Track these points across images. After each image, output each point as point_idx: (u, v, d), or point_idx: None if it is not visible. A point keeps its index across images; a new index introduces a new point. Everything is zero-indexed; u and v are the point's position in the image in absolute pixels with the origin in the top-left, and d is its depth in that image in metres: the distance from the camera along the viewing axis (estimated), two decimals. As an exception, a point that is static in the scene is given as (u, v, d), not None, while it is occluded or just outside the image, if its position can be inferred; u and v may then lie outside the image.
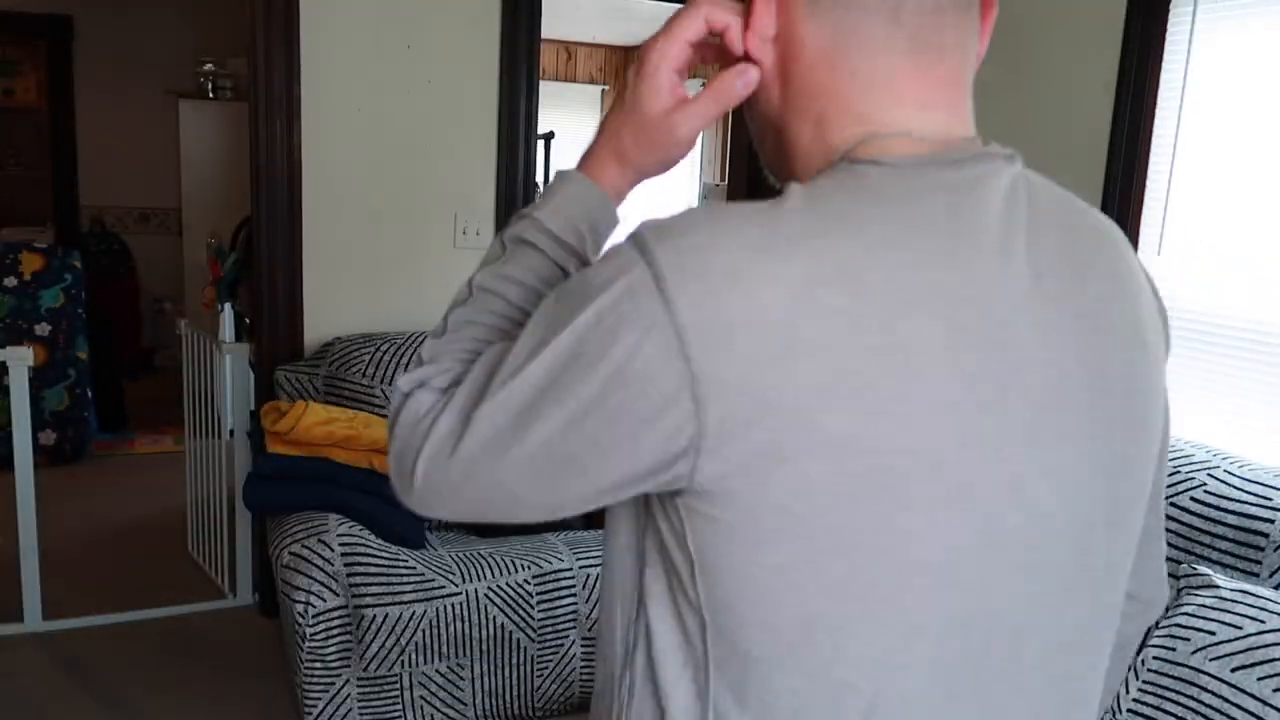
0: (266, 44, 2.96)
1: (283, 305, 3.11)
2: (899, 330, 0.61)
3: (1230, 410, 2.37)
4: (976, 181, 0.67)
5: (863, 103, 0.70)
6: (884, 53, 0.69)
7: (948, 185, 0.66)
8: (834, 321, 0.60)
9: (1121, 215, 2.57)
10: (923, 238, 0.64)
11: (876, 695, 0.66)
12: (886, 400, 0.61)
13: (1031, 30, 2.82)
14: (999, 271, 0.65)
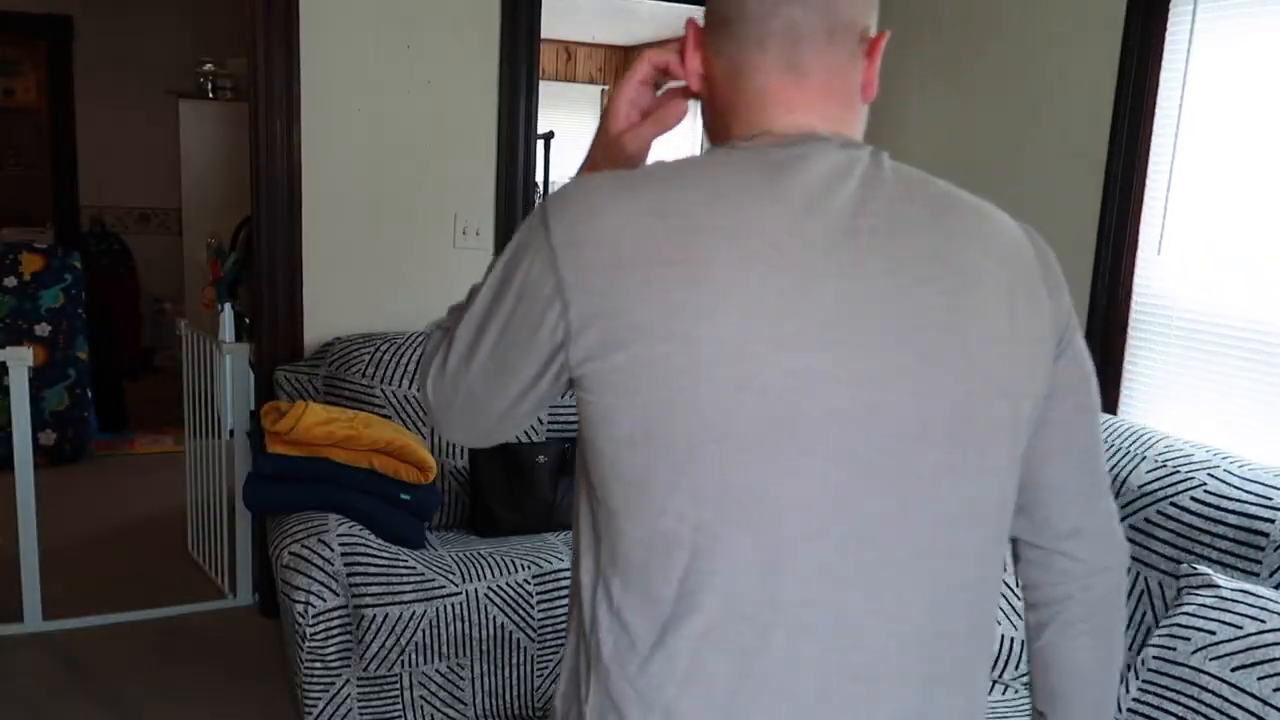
0: (266, 44, 2.96)
1: (283, 305, 3.11)
2: (691, 250, 0.82)
3: (1230, 410, 2.37)
4: (798, 159, 0.87)
5: (751, 111, 0.93)
6: (761, 75, 0.92)
7: (772, 160, 0.87)
8: (645, 242, 0.82)
9: (1121, 215, 2.57)
10: (735, 190, 0.85)
11: (696, 550, 0.83)
12: (680, 301, 0.80)
13: (1031, 30, 2.82)
14: (798, 218, 0.84)
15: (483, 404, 0.94)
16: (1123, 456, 2.31)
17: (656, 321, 0.81)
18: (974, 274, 0.90)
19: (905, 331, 0.85)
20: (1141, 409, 2.59)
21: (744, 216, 0.83)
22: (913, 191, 0.93)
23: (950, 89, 3.14)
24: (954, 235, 0.91)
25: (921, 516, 0.87)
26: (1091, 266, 2.65)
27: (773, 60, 0.91)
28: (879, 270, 0.85)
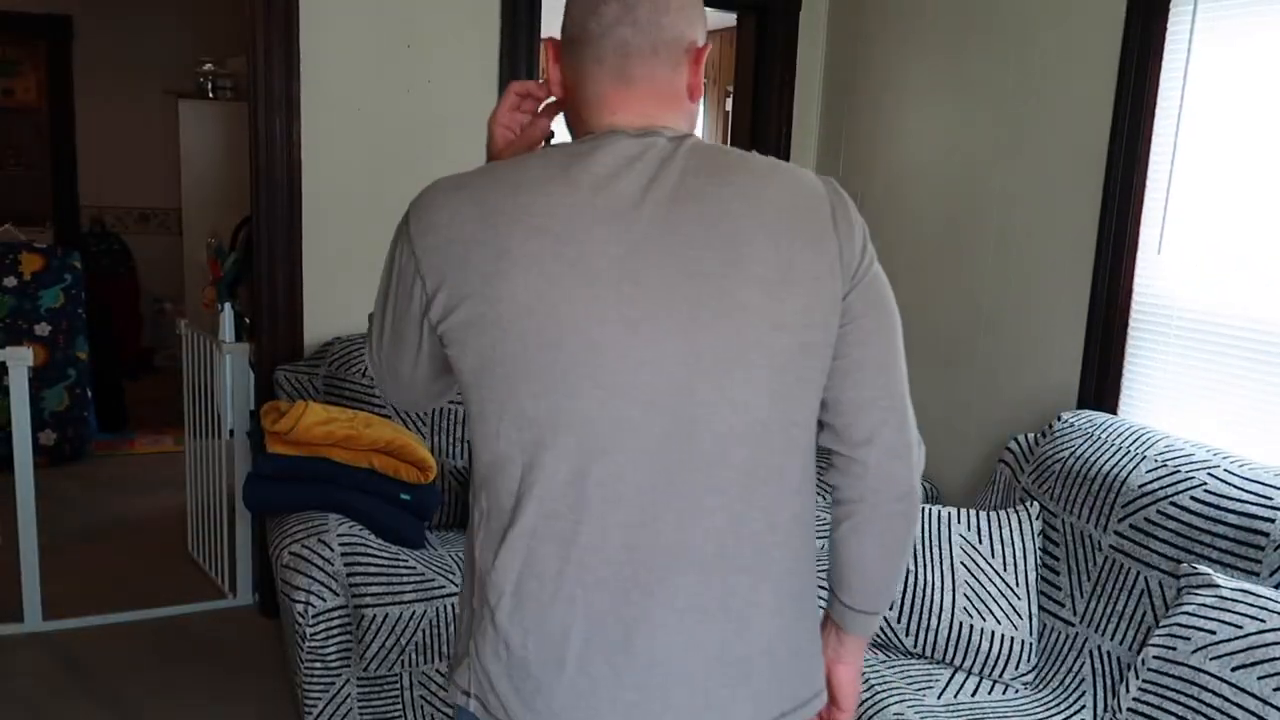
0: (266, 44, 2.96)
1: (283, 305, 3.11)
2: (495, 231, 1.05)
3: (1230, 410, 2.37)
4: (590, 150, 1.09)
5: (589, 113, 1.14)
6: (596, 84, 1.13)
7: (570, 154, 1.09)
8: (466, 227, 1.07)
9: (1121, 215, 2.56)
10: (534, 181, 1.08)
11: (524, 466, 1.08)
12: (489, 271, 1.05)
13: (1032, 30, 2.82)
14: (585, 198, 1.06)
15: (398, 370, 1.20)
16: (1123, 456, 2.31)
17: (476, 288, 1.06)
18: (748, 229, 1.07)
19: (681, 281, 1.05)
20: (1141, 409, 2.59)
21: (539, 201, 1.07)
22: (702, 165, 1.09)
23: (950, 89, 3.14)
24: (733, 198, 1.07)
25: (698, 433, 1.07)
26: (1091, 266, 2.65)
27: (607, 71, 1.12)
28: (660, 233, 1.06)
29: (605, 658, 1.08)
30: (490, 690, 1.12)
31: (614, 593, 1.07)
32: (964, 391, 3.09)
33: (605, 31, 1.11)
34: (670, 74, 1.13)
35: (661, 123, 1.12)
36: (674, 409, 1.06)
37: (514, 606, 1.09)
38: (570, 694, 1.08)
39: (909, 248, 3.31)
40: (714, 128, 6.35)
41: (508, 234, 1.05)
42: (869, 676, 2.20)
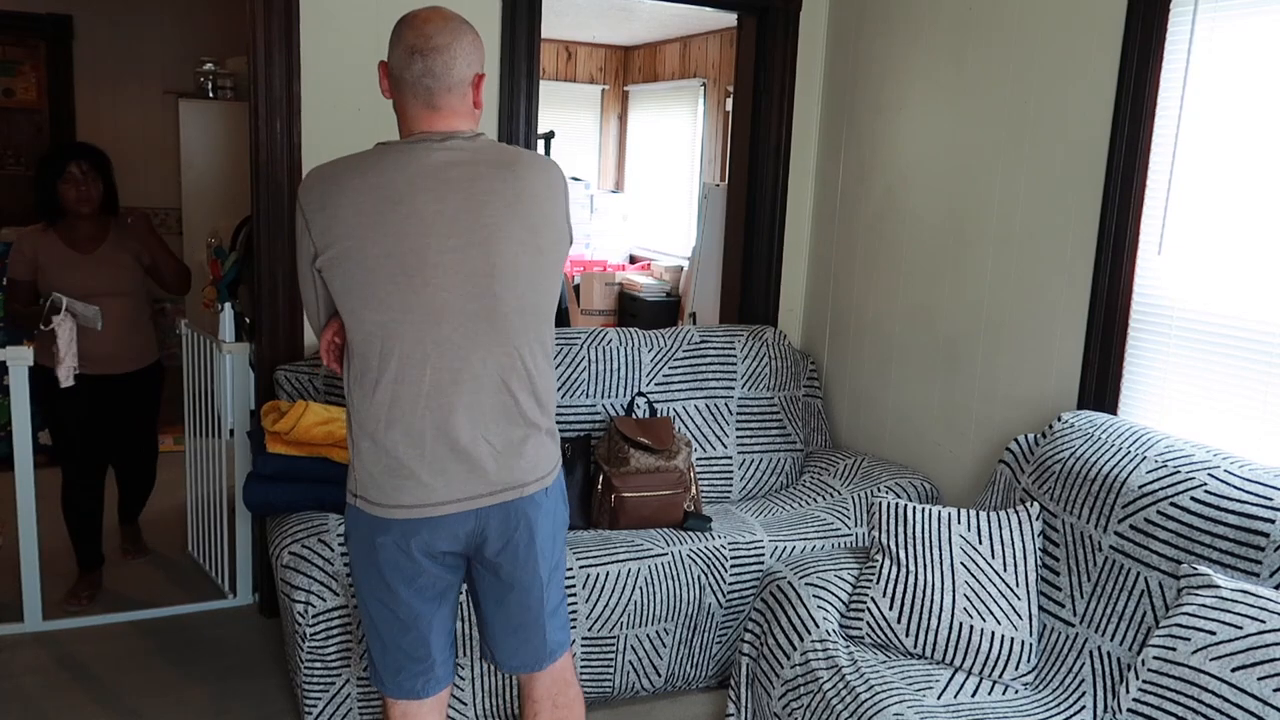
0: (266, 44, 2.96)
1: (283, 305, 3.11)
2: (335, 199, 1.70)
3: (1230, 410, 2.37)
4: (413, 147, 1.72)
5: (408, 123, 1.76)
6: (412, 109, 1.75)
7: (399, 149, 1.72)
8: (320, 198, 1.71)
9: (1121, 215, 2.56)
10: (371, 167, 1.71)
11: (383, 338, 1.71)
12: (329, 226, 1.70)
13: (1031, 30, 2.82)
14: (405, 174, 1.69)
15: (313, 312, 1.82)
16: (1123, 456, 2.31)
17: (328, 239, 1.71)
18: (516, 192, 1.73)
19: (473, 225, 1.69)
20: (1141, 409, 2.59)
21: (381, 178, 1.69)
22: (487, 156, 1.74)
23: (950, 89, 3.14)
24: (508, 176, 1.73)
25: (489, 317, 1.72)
26: (1091, 267, 2.65)
27: (419, 102, 1.74)
28: (459, 197, 1.70)
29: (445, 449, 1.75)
30: (373, 487, 1.76)
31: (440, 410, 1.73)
32: (964, 392, 3.09)
33: (415, 80, 1.71)
34: (460, 100, 1.74)
35: (457, 128, 1.74)
36: (476, 296, 1.71)
37: (388, 427, 1.73)
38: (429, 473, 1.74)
39: (909, 248, 3.31)
40: (714, 128, 6.35)
41: (339, 200, 1.69)
42: (869, 676, 2.20)
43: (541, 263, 1.76)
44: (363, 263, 1.67)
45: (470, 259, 1.69)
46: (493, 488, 1.77)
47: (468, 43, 1.73)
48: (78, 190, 3.17)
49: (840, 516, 3.04)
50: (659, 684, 2.83)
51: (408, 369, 1.70)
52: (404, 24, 1.73)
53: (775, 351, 3.49)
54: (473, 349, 1.72)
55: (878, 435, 3.48)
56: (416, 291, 1.68)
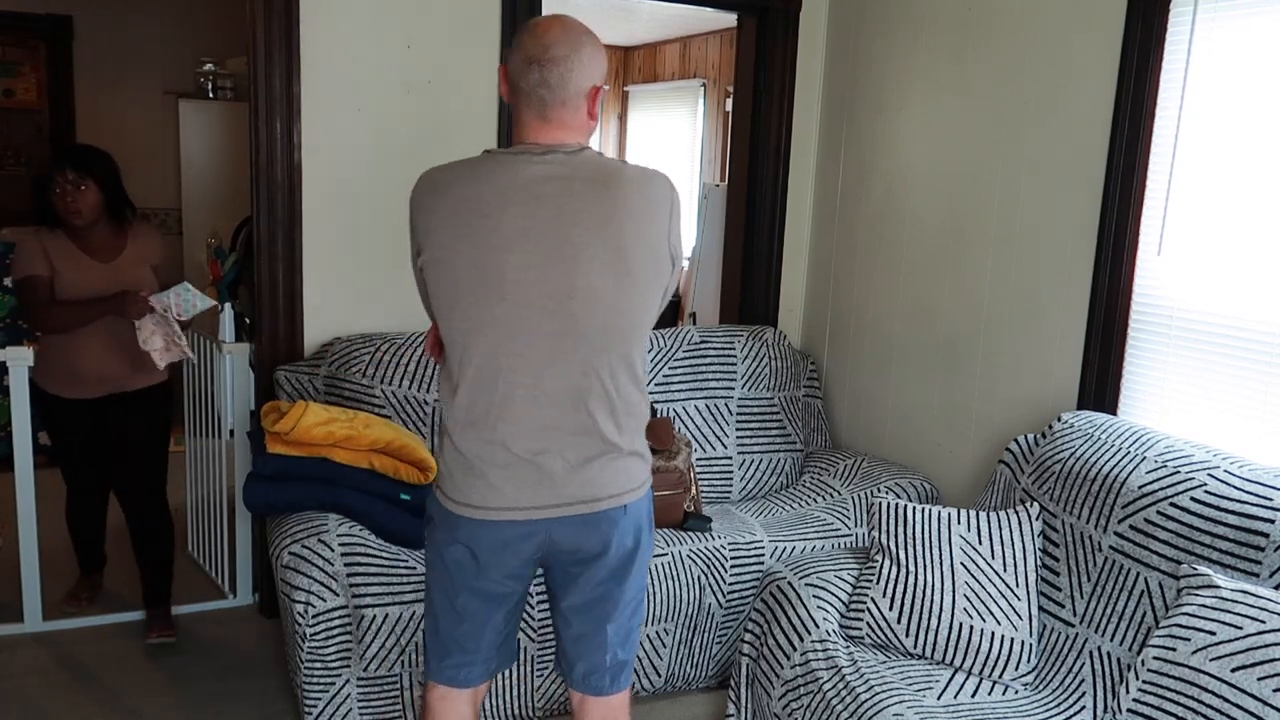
0: (266, 44, 2.96)
1: (283, 305, 3.11)
2: (436, 203, 1.72)
3: (1230, 410, 2.37)
4: (513, 158, 1.71)
5: (518, 131, 1.76)
6: (524, 116, 1.74)
7: (499, 160, 1.73)
8: (423, 200, 1.74)
9: (1121, 215, 2.56)
10: (469, 176, 1.72)
11: (464, 345, 1.73)
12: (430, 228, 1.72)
13: (1031, 30, 2.82)
14: (496, 188, 1.68)
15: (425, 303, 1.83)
16: (1123, 457, 2.31)
17: (425, 242, 1.74)
18: (609, 212, 1.69)
19: (558, 243, 1.67)
20: (1141, 409, 2.59)
21: (464, 187, 1.71)
22: (585, 172, 1.71)
23: (950, 89, 3.14)
24: (603, 194, 1.70)
25: (566, 336, 1.70)
26: (1091, 267, 2.65)
27: (532, 111, 1.73)
28: (549, 213, 1.67)
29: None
30: (449, 483, 1.80)
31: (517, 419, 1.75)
32: (964, 392, 3.09)
33: (530, 89, 1.70)
34: (573, 113, 1.73)
35: (562, 141, 1.73)
36: (554, 315, 1.69)
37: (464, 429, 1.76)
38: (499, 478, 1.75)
39: (909, 248, 3.31)
40: (714, 129, 6.35)
41: (437, 206, 1.72)
42: (869, 677, 2.20)
43: (628, 285, 1.71)
44: (449, 271, 1.70)
45: (550, 278, 1.67)
46: (561, 500, 1.75)
47: (587, 55, 1.70)
48: (64, 201, 2.88)
49: (840, 517, 3.04)
50: (659, 684, 2.83)
51: (483, 378, 1.72)
52: (525, 31, 1.72)
53: (775, 352, 3.49)
54: (547, 366, 1.71)
55: (878, 435, 3.48)
56: (493, 306, 1.68)
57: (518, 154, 1.70)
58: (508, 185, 1.67)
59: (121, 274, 2.96)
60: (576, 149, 1.71)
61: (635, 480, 1.81)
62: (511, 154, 1.71)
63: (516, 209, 1.66)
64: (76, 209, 2.88)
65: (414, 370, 3.01)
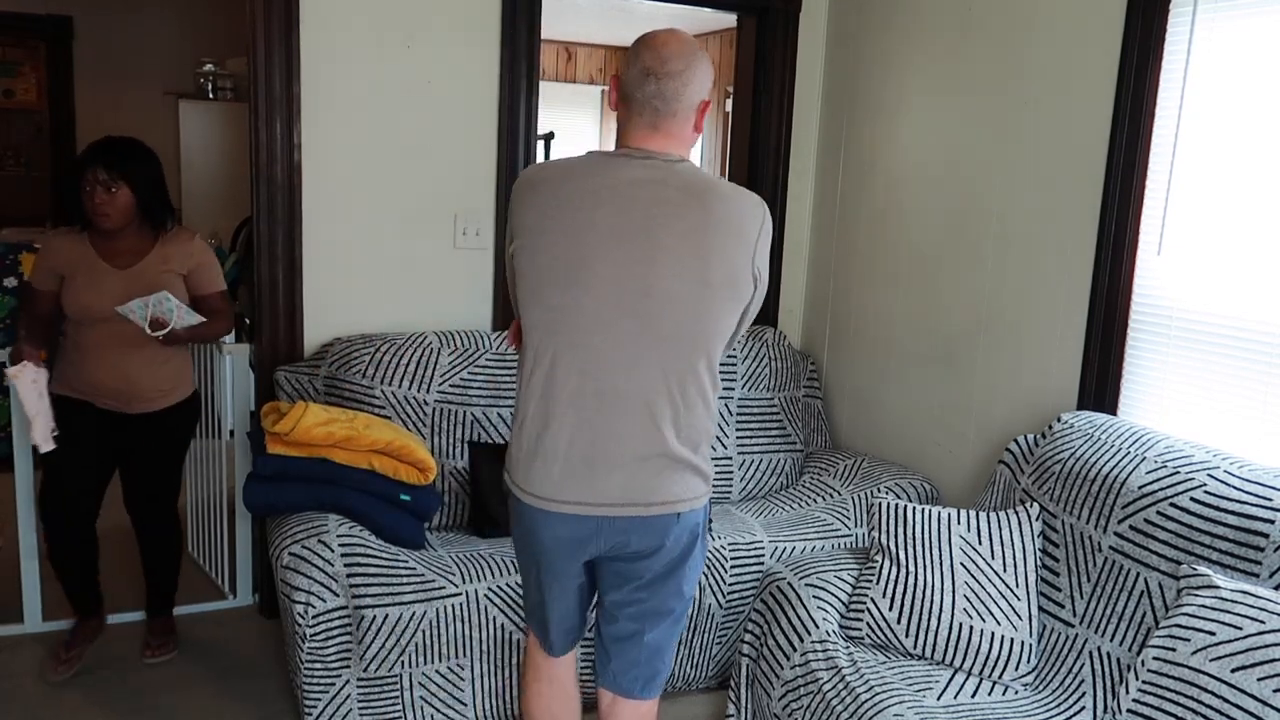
0: (266, 44, 2.96)
1: (283, 305, 3.11)
2: (535, 198, 1.81)
3: (1230, 411, 2.37)
4: (612, 160, 1.79)
5: (623, 137, 1.83)
6: (635, 125, 1.81)
7: (599, 160, 1.81)
8: (523, 195, 1.83)
9: (1121, 215, 2.56)
10: (568, 174, 1.80)
11: (542, 339, 1.79)
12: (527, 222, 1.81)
13: (1031, 30, 2.82)
14: (591, 187, 1.76)
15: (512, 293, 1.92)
16: (1123, 457, 2.31)
17: (520, 231, 1.83)
18: (698, 221, 1.75)
19: (643, 244, 1.73)
20: (1141, 409, 2.59)
21: (562, 184, 1.79)
22: (679, 180, 1.77)
23: (950, 89, 3.13)
24: (694, 203, 1.75)
25: (640, 337, 1.76)
26: (1091, 266, 2.64)
27: (644, 120, 1.80)
28: (638, 214, 1.74)
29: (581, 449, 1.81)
30: (516, 469, 1.86)
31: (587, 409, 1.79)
32: (964, 392, 3.09)
33: (645, 100, 1.78)
34: (682, 125, 1.81)
35: (664, 150, 1.80)
36: (630, 314, 1.75)
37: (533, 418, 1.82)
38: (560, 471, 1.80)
39: (909, 248, 3.31)
40: (714, 129, 6.36)
41: (534, 200, 1.80)
42: (869, 677, 2.20)
43: (707, 295, 1.75)
44: (538, 261, 1.77)
45: (632, 276, 1.72)
46: (616, 499, 1.79)
47: (700, 70, 1.79)
48: (93, 201, 2.62)
49: (840, 517, 3.04)
50: (659, 684, 2.83)
51: (558, 370, 1.78)
52: (643, 44, 1.80)
53: (775, 352, 3.49)
54: (619, 364, 1.75)
55: (878, 435, 3.48)
56: (575, 299, 1.74)
57: (619, 155, 1.79)
58: (604, 184, 1.74)
59: (137, 283, 2.67)
60: (676, 159, 1.78)
61: (690, 492, 1.83)
62: (612, 155, 1.80)
63: (609, 207, 1.73)
64: (105, 212, 2.63)
65: (414, 370, 3.01)
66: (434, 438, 3.00)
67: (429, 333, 3.12)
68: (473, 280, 3.33)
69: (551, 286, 1.76)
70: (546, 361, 1.78)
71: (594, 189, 1.74)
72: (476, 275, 3.33)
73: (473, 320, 3.34)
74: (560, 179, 1.79)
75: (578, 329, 1.75)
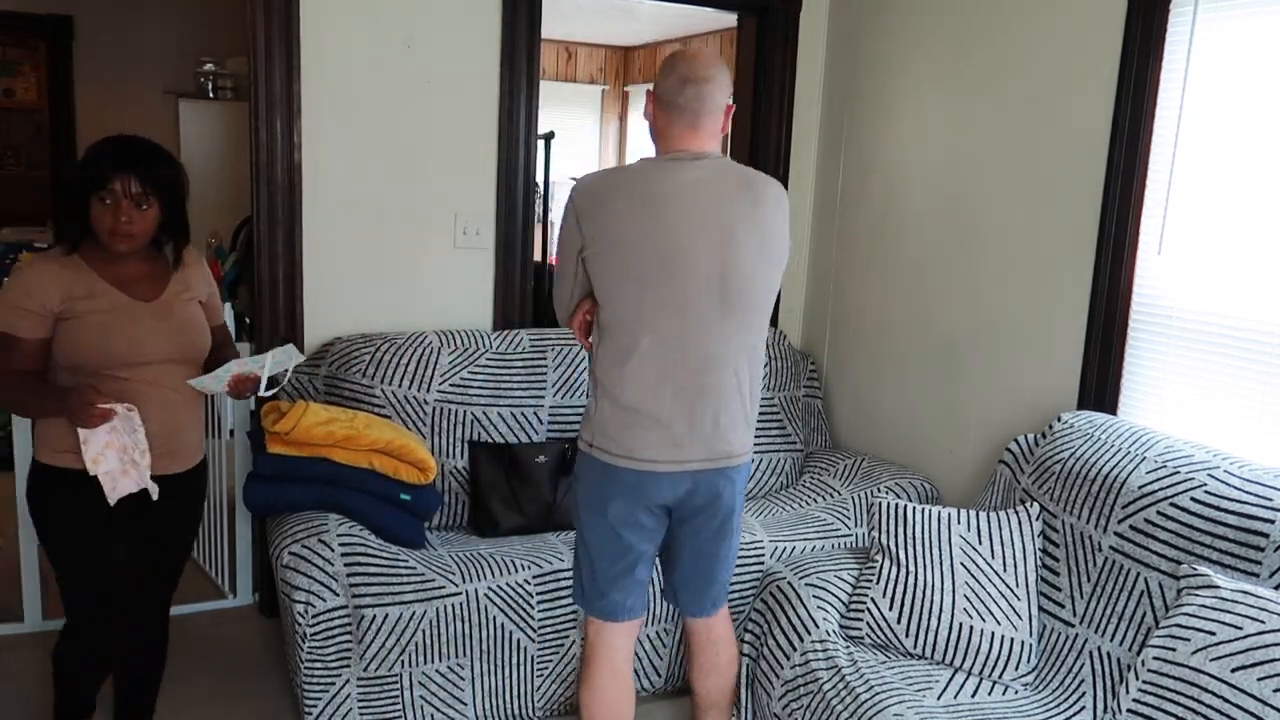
0: (266, 44, 2.96)
1: (283, 305, 3.11)
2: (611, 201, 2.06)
3: (1230, 410, 2.37)
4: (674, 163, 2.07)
5: (671, 142, 2.10)
6: (678, 127, 2.09)
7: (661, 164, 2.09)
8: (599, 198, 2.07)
9: (1121, 215, 2.56)
10: (638, 177, 2.09)
11: (639, 321, 2.05)
12: (606, 223, 2.04)
13: (1031, 30, 2.82)
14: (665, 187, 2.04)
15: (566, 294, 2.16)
16: (1123, 457, 2.31)
17: (599, 235, 2.04)
18: (754, 207, 2.07)
19: (716, 231, 2.02)
20: (1141, 409, 2.59)
21: (636, 186, 2.05)
22: (732, 174, 2.09)
23: (950, 89, 3.14)
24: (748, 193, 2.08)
25: (724, 306, 2.05)
26: (1092, 266, 2.65)
27: (685, 123, 2.08)
28: (707, 206, 2.03)
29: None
30: (611, 441, 2.09)
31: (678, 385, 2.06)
32: (964, 391, 3.09)
33: (685, 104, 2.06)
34: (714, 124, 2.09)
35: (705, 148, 2.09)
36: (711, 291, 2.03)
37: (633, 394, 2.05)
38: (662, 436, 2.07)
39: (909, 248, 3.31)
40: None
41: (613, 202, 2.04)
42: (869, 677, 2.20)
43: (764, 266, 2.08)
44: (626, 255, 2.02)
45: (710, 259, 2.01)
46: (708, 455, 2.09)
47: (726, 77, 2.10)
48: (115, 220, 2.06)
49: (840, 517, 3.04)
50: (659, 684, 2.83)
51: (654, 346, 2.04)
52: (678, 58, 2.09)
53: (775, 352, 3.49)
54: (707, 334, 2.05)
55: (878, 435, 3.48)
56: (667, 283, 2.01)
57: (675, 159, 2.06)
58: (671, 186, 2.03)
59: (168, 319, 2.17)
60: (718, 155, 2.10)
61: (750, 443, 2.19)
62: (670, 159, 2.07)
63: (685, 203, 2.02)
64: (130, 232, 2.08)
65: (414, 370, 3.01)
66: (434, 437, 3.00)
67: (429, 332, 3.12)
68: (473, 280, 3.33)
69: (644, 278, 2.01)
70: (644, 343, 2.03)
71: (664, 191, 2.02)
72: (476, 275, 3.33)
73: (473, 320, 3.34)
74: (629, 184, 2.05)
75: (672, 312, 2.02)
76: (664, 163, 2.07)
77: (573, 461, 3.07)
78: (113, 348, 2.08)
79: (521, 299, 3.40)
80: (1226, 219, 2.37)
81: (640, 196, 2.02)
